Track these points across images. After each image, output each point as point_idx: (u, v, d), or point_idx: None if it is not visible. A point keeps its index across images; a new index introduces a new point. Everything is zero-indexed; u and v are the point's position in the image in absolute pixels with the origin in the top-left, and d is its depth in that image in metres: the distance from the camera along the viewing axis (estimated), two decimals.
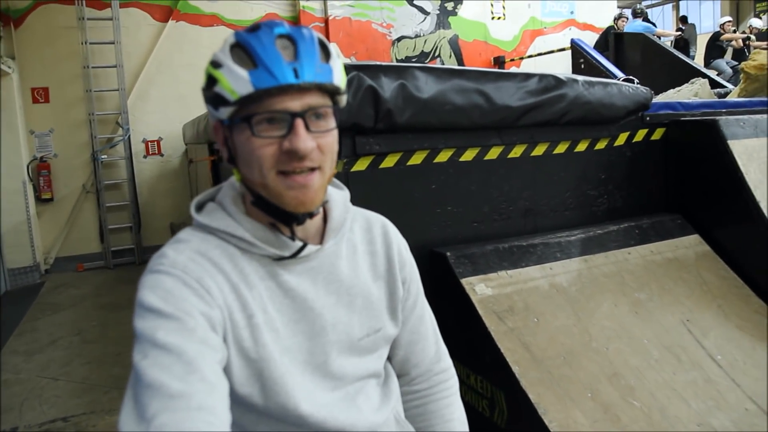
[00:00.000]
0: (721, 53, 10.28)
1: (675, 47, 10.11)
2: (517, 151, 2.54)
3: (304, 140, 0.90)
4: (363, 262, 1.11)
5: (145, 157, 7.30)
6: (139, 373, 0.83)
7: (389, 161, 2.29)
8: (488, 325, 2.06)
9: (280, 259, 0.99)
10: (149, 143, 7.30)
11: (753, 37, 9.93)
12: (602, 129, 2.72)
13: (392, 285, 1.13)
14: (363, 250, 1.12)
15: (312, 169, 0.93)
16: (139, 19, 7.16)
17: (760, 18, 11.68)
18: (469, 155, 2.44)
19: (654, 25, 11.42)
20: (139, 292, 0.90)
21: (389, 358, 1.21)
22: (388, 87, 2.17)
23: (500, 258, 2.32)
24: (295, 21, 7.94)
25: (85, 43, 6.66)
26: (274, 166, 0.91)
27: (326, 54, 0.94)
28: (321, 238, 1.05)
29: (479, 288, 2.18)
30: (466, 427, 1.24)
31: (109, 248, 6.98)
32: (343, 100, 0.99)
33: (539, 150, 2.59)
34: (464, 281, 2.18)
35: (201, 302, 0.91)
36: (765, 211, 2.53)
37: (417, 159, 2.34)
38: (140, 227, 7.16)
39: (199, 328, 0.88)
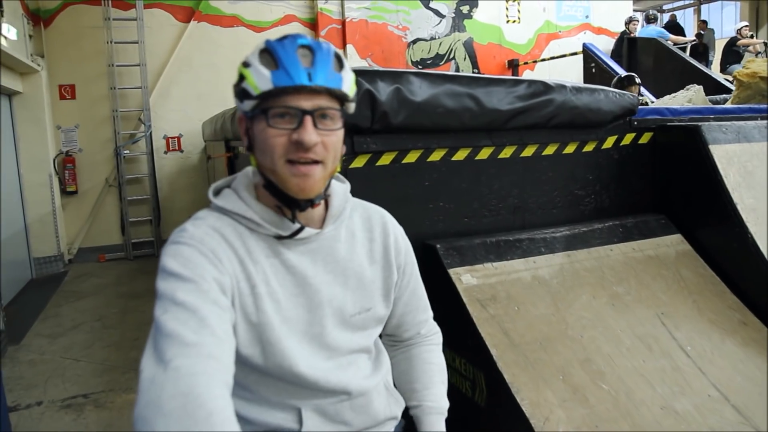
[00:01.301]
0: (738, 59, 10.26)
1: (693, 52, 10.15)
2: (507, 152, 2.70)
3: (310, 134, 1.07)
4: (360, 248, 1.27)
5: (165, 153, 7.56)
6: (160, 325, 0.98)
7: (385, 159, 2.47)
8: (471, 312, 2.22)
9: (281, 238, 1.16)
10: (170, 140, 7.56)
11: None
12: (590, 132, 2.87)
13: (387, 270, 1.30)
14: (361, 236, 1.28)
15: (315, 162, 1.10)
16: (162, 19, 7.43)
17: None
18: (460, 155, 2.61)
19: (682, 29, 11.43)
20: (162, 259, 1.08)
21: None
22: (384, 90, 2.35)
23: (487, 251, 2.48)
24: (313, 22, 8.15)
25: (110, 42, 6.95)
26: (283, 154, 1.09)
27: (340, 65, 1.12)
28: (322, 223, 1.22)
29: (465, 278, 2.35)
30: (444, 372, 1.45)
31: (130, 240, 7.25)
32: (352, 106, 1.17)
33: (528, 151, 2.75)
34: (451, 271, 2.35)
35: (214, 269, 1.08)
36: (741, 212, 2.66)
37: (411, 158, 2.52)
38: (160, 221, 7.42)
39: (212, 291, 1.05)
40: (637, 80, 5.48)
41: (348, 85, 1.12)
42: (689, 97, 4.07)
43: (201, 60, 7.52)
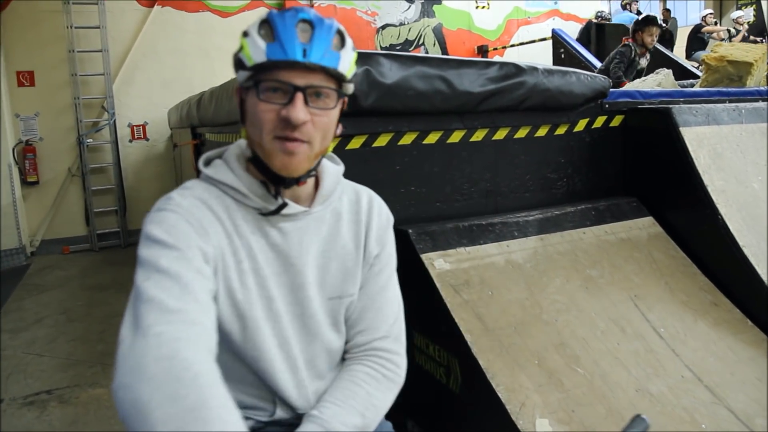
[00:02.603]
0: (703, 45, 10.41)
1: (660, 39, 10.24)
2: (478, 135, 2.67)
3: (299, 111, 1.03)
4: (346, 231, 1.23)
5: (130, 141, 7.36)
6: (141, 292, 0.95)
7: (355, 143, 2.41)
8: (444, 297, 2.19)
9: (266, 214, 1.13)
10: (135, 128, 7.36)
11: (732, 30, 10.10)
12: (562, 115, 2.85)
13: (368, 249, 1.25)
14: (348, 218, 1.24)
15: (302, 141, 1.06)
16: (124, 4, 7.19)
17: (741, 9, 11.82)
18: (432, 138, 2.57)
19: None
20: (147, 226, 1.05)
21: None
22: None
23: (459, 235, 2.45)
24: (281, 8, 7.91)
25: (71, 27, 6.70)
26: (271, 130, 1.06)
27: (341, 44, 1.09)
28: (311, 203, 1.19)
29: (438, 263, 2.31)
30: (375, 410, 1.16)
31: (95, 231, 7.05)
32: (350, 87, 1.13)
33: (500, 134, 2.72)
34: (424, 256, 2.31)
35: (199, 238, 1.05)
36: (712, 194, 2.67)
37: (382, 141, 2.46)
38: (125, 211, 7.23)
39: (195, 259, 1.02)
40: (659, 21, 5.24)
41: (346, 65, 1.09)
42: (659, 81, 4.09)
43: (166, 46, 7.33)
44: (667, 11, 13.46)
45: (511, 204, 2.78)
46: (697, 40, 10.40)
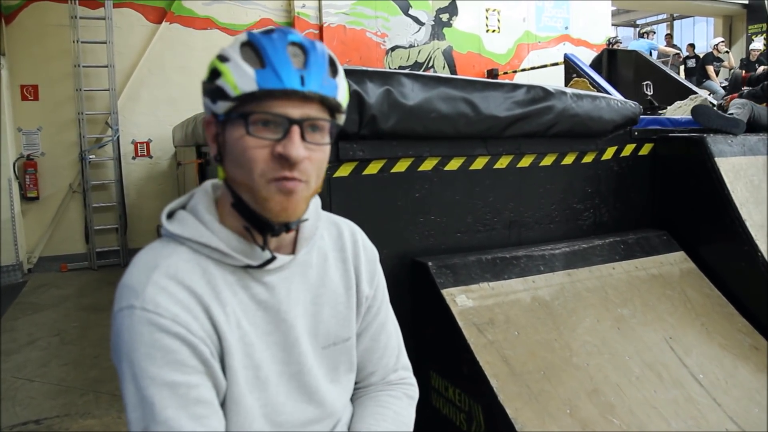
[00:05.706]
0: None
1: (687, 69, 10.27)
2: (503, 162, 2.52)
3: (297, 147, 0.88)
4: (334, 271, 1.09)
5: (133, 158, 7.23)
6: None
7: (373, 168, 2.26)
8: (468, 337, 2.02)
9: (249, 267, 0.97)
10: (138, 145, 7.23)
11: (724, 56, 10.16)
12: (590, 142, 2.71)
13: (360, 292, 1.12)
14: (334, 257, 1.10)
15: (300, 180, 0.91)
16: (132, 19, 7.11)
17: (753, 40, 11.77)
18: (454, 164, 2.42)
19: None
20: (124, 348, 0.88)
21: None
22: (373, 93, 2.14)
23: (483, 269, 2.29)
24: (290, 27, 7.93)
25: (77, 41, 6.61)
26: (265, 171, 0.89)
27: (334, 70, 0.94)
28: (293, 247, 1.03)
29: (460, 299, 2.15)
30: (405, 427, 1.16)
31: (94, 249, 6.89)
32: (342, 118, 0.98)
33: (526, 161, 2.57)
34: (445, 292, 2.15)
35: (193, 356, 0.89)
36: (750, 229, 2.51)
37: (401, 167, 2.31)
38: (126, 229, 7.08)
39: (201, 386, 0.89)
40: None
41: (343, 95, 0.95)
42: (691, 107, 3.91)
43: (172, 62, 7.22)
44: (669, 37, 13.53)
45: (535, 235, 2.62)
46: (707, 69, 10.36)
